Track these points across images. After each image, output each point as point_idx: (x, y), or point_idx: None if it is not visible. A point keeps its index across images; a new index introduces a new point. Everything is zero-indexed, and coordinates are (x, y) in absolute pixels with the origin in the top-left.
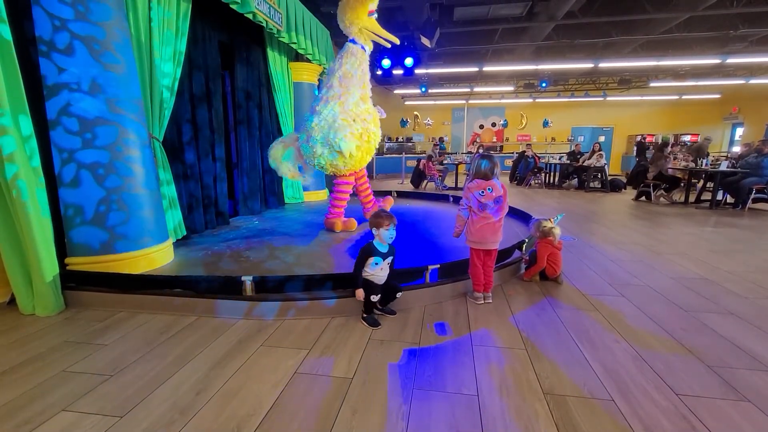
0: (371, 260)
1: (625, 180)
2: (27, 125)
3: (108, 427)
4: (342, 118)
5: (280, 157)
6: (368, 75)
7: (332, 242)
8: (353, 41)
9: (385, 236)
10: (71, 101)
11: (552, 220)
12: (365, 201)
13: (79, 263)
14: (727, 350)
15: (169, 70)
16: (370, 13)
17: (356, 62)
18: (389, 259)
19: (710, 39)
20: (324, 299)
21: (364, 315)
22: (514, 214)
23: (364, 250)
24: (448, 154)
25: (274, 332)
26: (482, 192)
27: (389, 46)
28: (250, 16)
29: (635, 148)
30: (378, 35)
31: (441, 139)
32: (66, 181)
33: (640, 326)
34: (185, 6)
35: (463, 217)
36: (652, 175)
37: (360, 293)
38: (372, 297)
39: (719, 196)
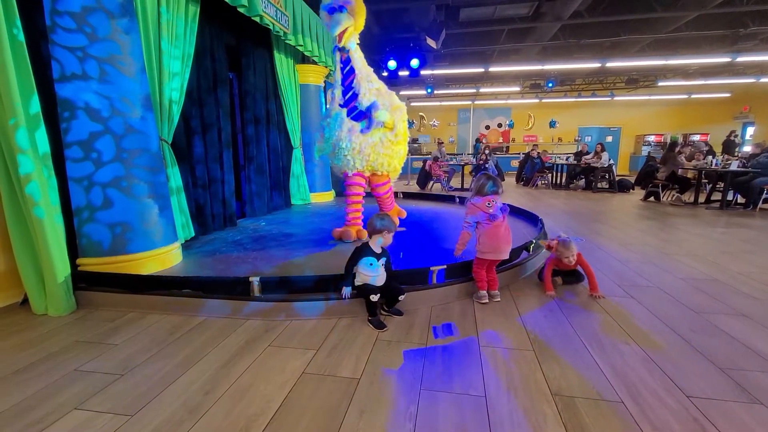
0: (365, 261)
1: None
2: (41, 136)
3: (119, 425)
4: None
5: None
6: (336, 72)
7: (340, 243)
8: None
9: (379, 242)
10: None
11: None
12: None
13: (89, 264)
14: (739, 352)
15: (177, 72)
16: (329, 9)
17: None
18: (383, 260)
19: (719, 37)
20: (331, 300)
21: (369, 318)
22: (521, 214)
23: (357, 248)
24: (454, 155)
25: (282, 332)
26: (488, 204)
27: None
28: (257, 19)
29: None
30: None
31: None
32: (98, 204)
33: (650, 327)
34: (194, 9)
35: (468, 233)
36: (664, 176)
37: (344, 291)
38: (372, 297)
39: (730, 197)
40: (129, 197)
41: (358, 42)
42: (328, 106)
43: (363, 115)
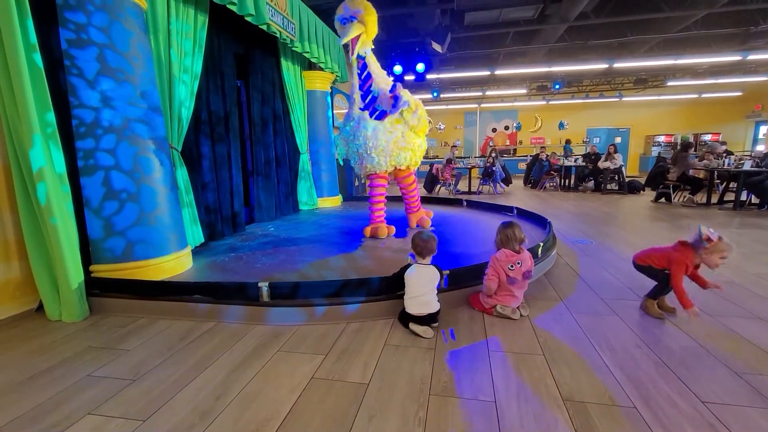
0: None
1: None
2: (60, 162)
3: (131, 430)
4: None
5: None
6: (354, 78)
7: (348, 247)
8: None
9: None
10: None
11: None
12: (409, 203)
13: (102, 270)
14: (755, 356)
15: (187, 81)
16: (341, 20)
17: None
18: None
19: (730, 36)
20: (339, 305)
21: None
22: (529, 217)
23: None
24: (461, 158)
25: (291, 338)
26: (512, 266)
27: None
28: (264, 28)
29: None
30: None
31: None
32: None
33: (662, 331)
34: (202, 18)
35: (494, 286)
36: (675, 176)
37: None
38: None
39: (743, 197)
40: (145, 205)
41: (373, 47)
42: (348, 112)
43: (384, 114)
